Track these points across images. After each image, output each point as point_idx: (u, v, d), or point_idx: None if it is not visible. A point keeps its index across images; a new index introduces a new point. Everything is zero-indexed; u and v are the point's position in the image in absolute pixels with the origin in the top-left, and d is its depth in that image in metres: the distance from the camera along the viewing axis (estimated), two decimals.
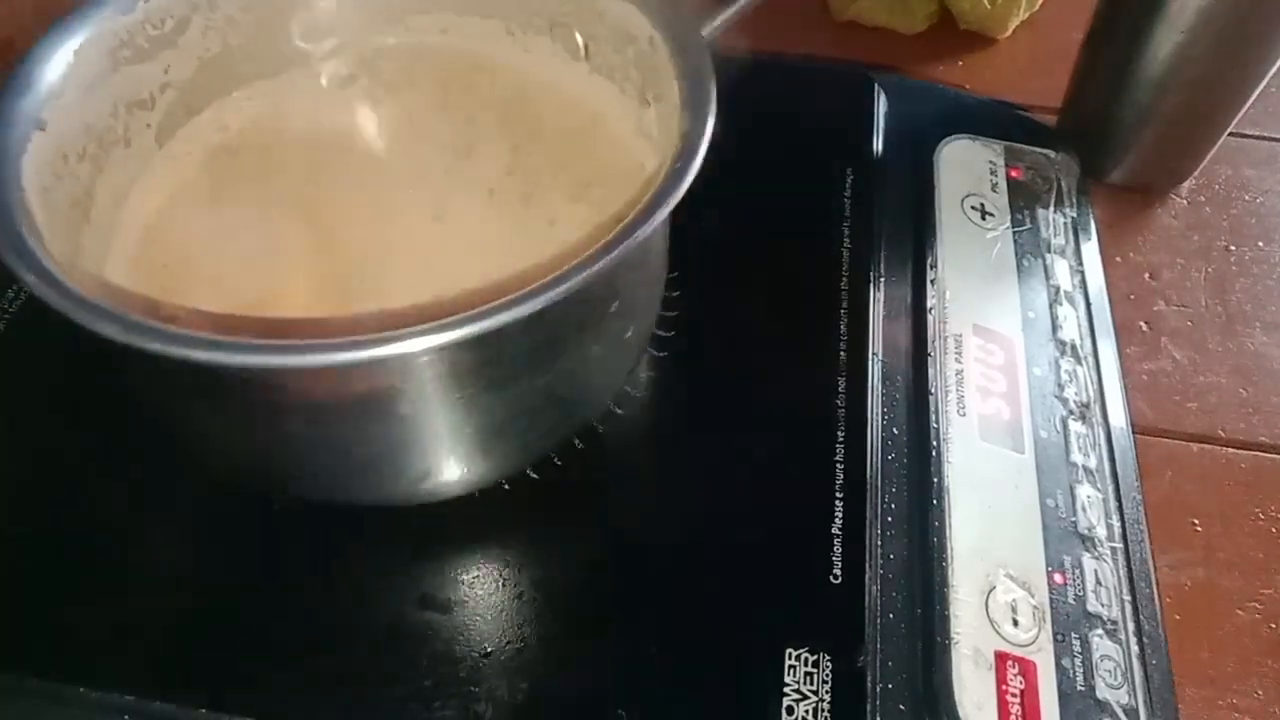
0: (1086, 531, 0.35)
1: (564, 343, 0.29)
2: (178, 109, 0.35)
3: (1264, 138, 0.52)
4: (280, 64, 0.37)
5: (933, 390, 0.37)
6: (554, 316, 0.26)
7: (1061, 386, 0.39)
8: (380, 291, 0.31)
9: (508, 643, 0.31)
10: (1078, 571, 0.34)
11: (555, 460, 0.35)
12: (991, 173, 0.46)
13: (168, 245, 0.33)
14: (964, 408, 0.37)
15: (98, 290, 0.26)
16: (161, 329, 0.23)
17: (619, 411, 0.36)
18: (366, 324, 0.30)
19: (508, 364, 0.28)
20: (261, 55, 0.37)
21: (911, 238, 0.43)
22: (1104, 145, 0.48)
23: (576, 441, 0.35)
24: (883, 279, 0.41)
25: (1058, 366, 0.39)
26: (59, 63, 0.30)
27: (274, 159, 0.36)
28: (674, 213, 0.34)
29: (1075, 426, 0.37)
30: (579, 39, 0.36)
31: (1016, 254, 0.43)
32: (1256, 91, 0.45)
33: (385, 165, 0.36)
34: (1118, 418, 0.38)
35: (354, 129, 0.37)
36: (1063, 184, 0.46)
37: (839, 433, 0.35)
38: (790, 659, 0.30)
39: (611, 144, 0.35)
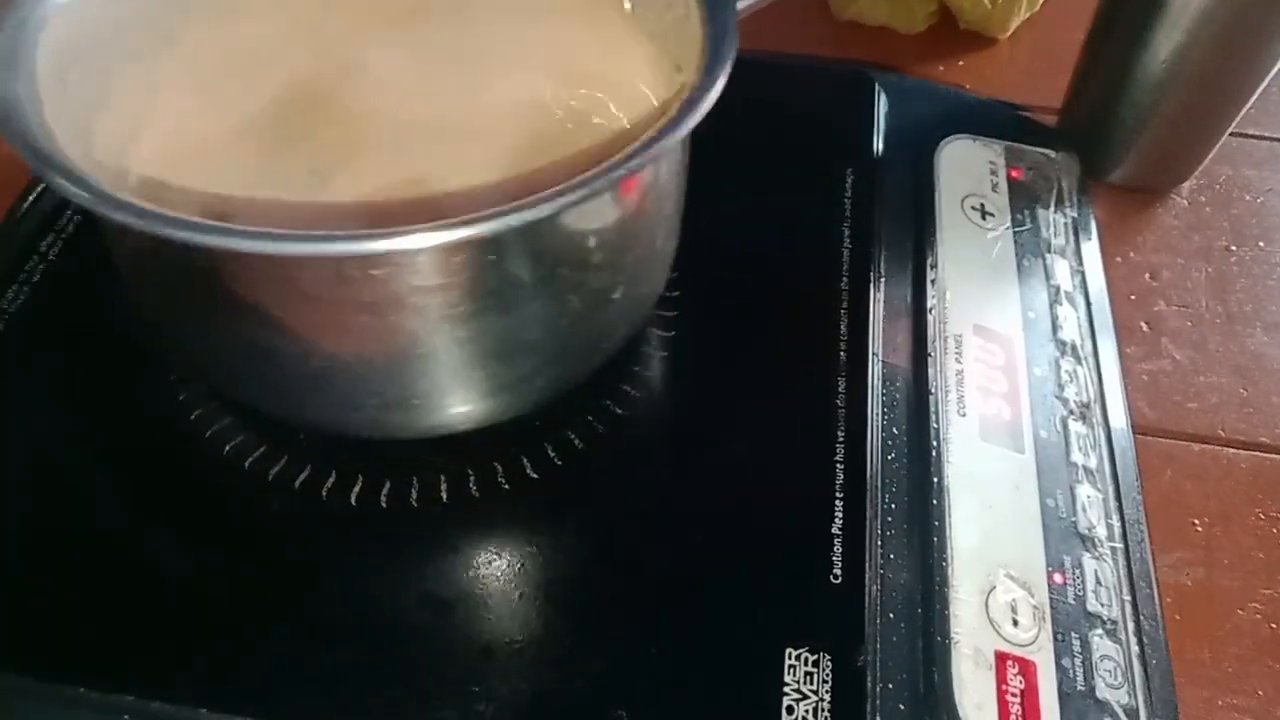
0: (1086, 531, 0.35)
1: (530, 281, 0.28)
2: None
3: (1264, 138, 0.52)
4: None
5: (933, 390, 0.37)
6: (523, 247, 0.26)
7: (1062, 386, 0.39)
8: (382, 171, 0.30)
9: (508, 643, 0.31)
10: (1078, 571, 0.34)
11: (556, 460, 0.35)
12: (992, 173, 0.46)
13: (188, 130, 0.32)
14: (964, 408, 0.37)
15: (95, 171, 0.26)
16: (135, 205, 0.23)
17: (619, 411, 0.36)
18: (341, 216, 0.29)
19: (471, 292, 0.27)
20: None
21: (911, 238, 0.43)
22: (1104, 145, 0.48)
23: (576, 441, 0.35)
24: (883, 279, 0.41)
25: (1058, 366, 0.39)
26: None
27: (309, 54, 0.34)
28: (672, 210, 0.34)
29: (1075, 426, 0.37)
30: (627, 4, 0.35)
31: (1017, 254, 0.43)
32: (1257, 91, 0.45)
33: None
34: (1118, 418, 0.38)
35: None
36: (1063, 184, 0.46)
37: (839, 433, 0.35)
38: (790, 659, 0.30)
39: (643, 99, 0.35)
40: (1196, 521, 0.38)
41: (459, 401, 0.31)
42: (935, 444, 0.36)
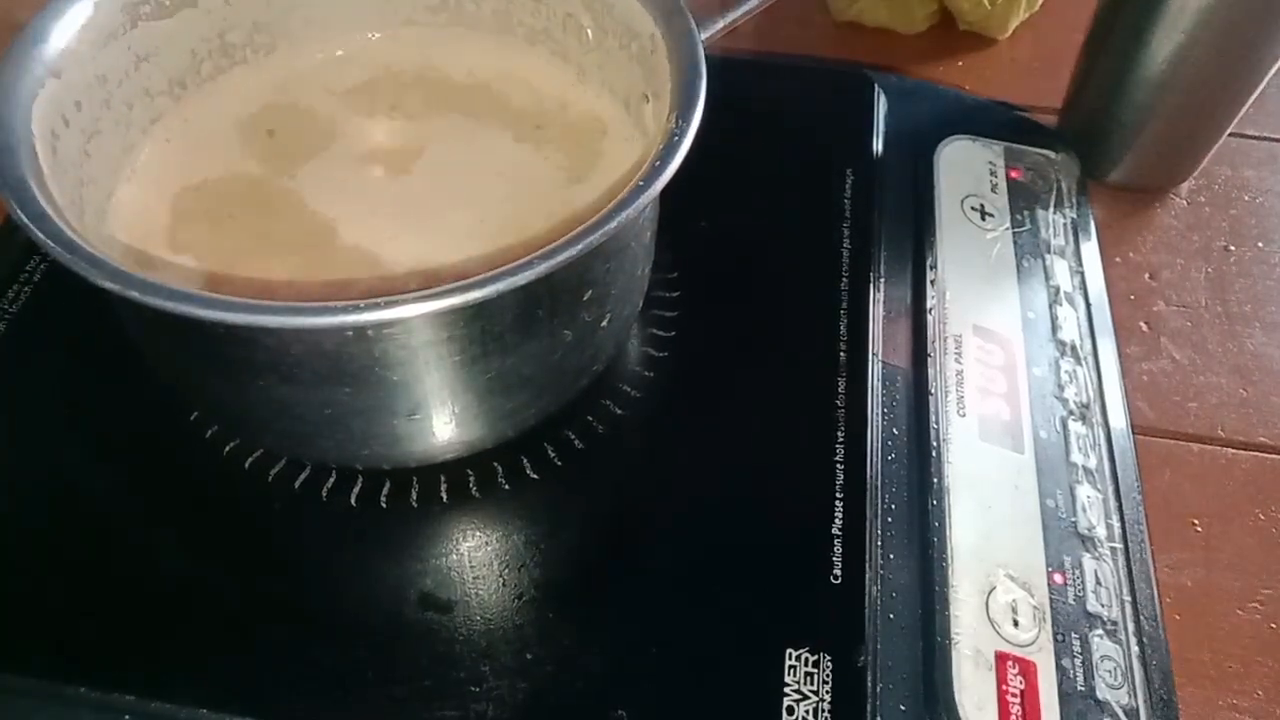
0: (1086, 531, 0.35)
1: (531, 325, 0.29)
2: (198, 69, 0.37)
3: (1264, 138, 0.52)
4: (297, 40, 0.39)
5: (933, 390, 0.37)
6: (522, 299, 0.27)
7: (1061, 387, 0.39)
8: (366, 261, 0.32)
9: (508, 643, 0.31)
10: (1078, 571, 0.34)
11: (555, 460, 0.35)
12: (991, 173, 0.46)
13: (166, 201, 0.34)
14: (964, 408, 0.37)
15: (94, 239, 0.27)
16: (151, 283, 0.24)
17: (619, 411, 0.36)
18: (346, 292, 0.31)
19: (475, 341, 0.28)
20: (279, 30, 0.38)
21: (911, 238, 0.43)
22: (1104, 145, 0.48)
23: (576, 441, 0.35)
24: (883, 279, 0.41)
25: (1058, 367, 0.39)
26: (78, 14, 0.31)
27: (280, 128, 0.37)
28: (664, 212, 0.34)
29: (1075, 427, 0.37)
30: (589, 34, 0.36)
31: (1016, 254, 0.43)
32: (1256, 92, 0.45)
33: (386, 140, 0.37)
34: (1118, 418, 0.38)
35: (357, 109, 0.38)
36: (1062, 184, 0.46)
37: (839, 433, 0.35)
38: (790, 659, 0.30)
39: (608, 138, 0.36)
40: (1196, 521, 0.38)
41: (460, 434, 0.32)
42: (935, 444, 0.36)
